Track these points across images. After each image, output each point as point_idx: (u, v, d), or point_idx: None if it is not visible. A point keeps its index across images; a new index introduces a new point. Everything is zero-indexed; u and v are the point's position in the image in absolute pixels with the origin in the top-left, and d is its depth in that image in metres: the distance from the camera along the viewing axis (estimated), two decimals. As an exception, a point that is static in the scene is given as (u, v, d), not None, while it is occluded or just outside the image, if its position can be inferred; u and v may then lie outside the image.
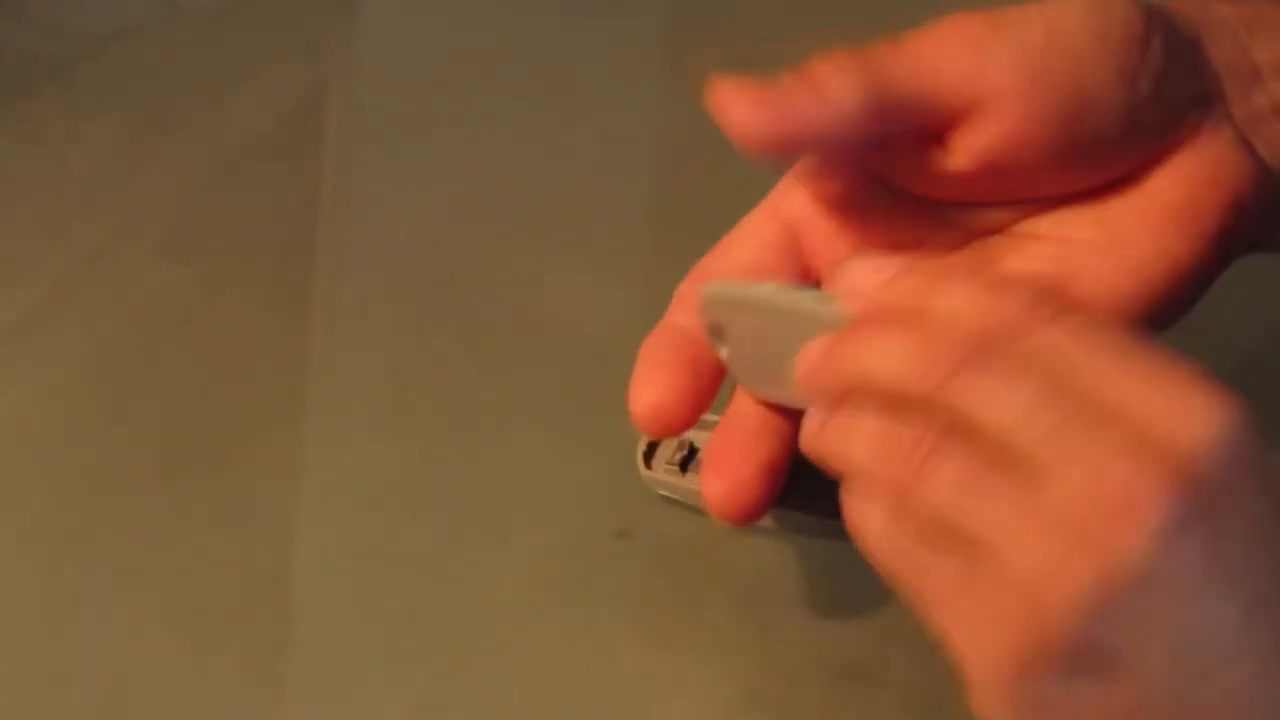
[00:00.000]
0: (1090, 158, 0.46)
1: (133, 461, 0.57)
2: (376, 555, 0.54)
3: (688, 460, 0.54)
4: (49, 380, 0.60)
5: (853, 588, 0.52)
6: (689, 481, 0.53)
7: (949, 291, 0.41)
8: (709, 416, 0.53)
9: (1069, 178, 0.46)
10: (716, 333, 0.46)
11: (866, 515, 0.41)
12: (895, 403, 0.41)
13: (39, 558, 0.54)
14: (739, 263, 0.48)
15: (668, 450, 0.54)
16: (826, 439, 0.43)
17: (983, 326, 0.40)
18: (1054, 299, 0.40)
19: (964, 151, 0.45)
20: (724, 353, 0.46)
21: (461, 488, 0.56)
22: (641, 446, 0.54)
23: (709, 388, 0.47)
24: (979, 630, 0.39)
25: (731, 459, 0.46)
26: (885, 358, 0.41)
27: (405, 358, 0.60)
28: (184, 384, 0.59)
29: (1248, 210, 0.47)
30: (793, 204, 0.48)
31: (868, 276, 0.44)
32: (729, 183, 0.51)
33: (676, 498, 0.54)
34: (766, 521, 0.52)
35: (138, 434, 0.58)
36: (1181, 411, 0.38)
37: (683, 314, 0.48)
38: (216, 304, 0.62)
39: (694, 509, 0.53)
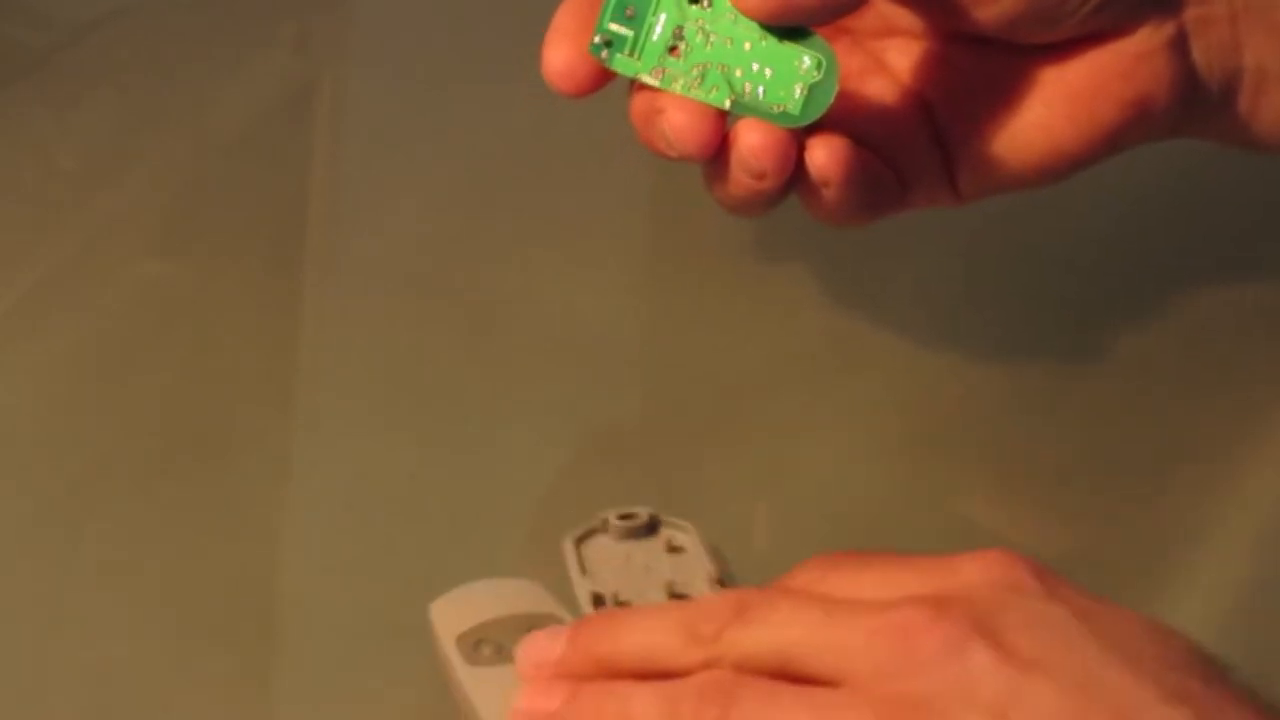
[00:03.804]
0: (1037, 22, 0.48)
1: (119, 460, 0.56)
2: (368, 556, 0.53)
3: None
4: (33, 379, 0.59)
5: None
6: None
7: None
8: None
9: (1014, 31, 0.49)
10: None
11: None
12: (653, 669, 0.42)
13: (22, 557, 0.54)
14: None
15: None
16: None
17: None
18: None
19: None
20: None
21: (456, 489, 0.55)
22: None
23: None
24: None
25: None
26: (646, 633, 0.42)
27: (397, 356, 0.60)
28: (172, 382, 0.59)
29: (1154, 109, 0.50)
30: None
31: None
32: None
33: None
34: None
35: (124, 433, 0.57)
36: (942, 571, 0.42)
37: None
38: (205, 301, 0.61)
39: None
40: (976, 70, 0.50)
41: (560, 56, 0.48)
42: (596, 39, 0.48)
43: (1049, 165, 0.50)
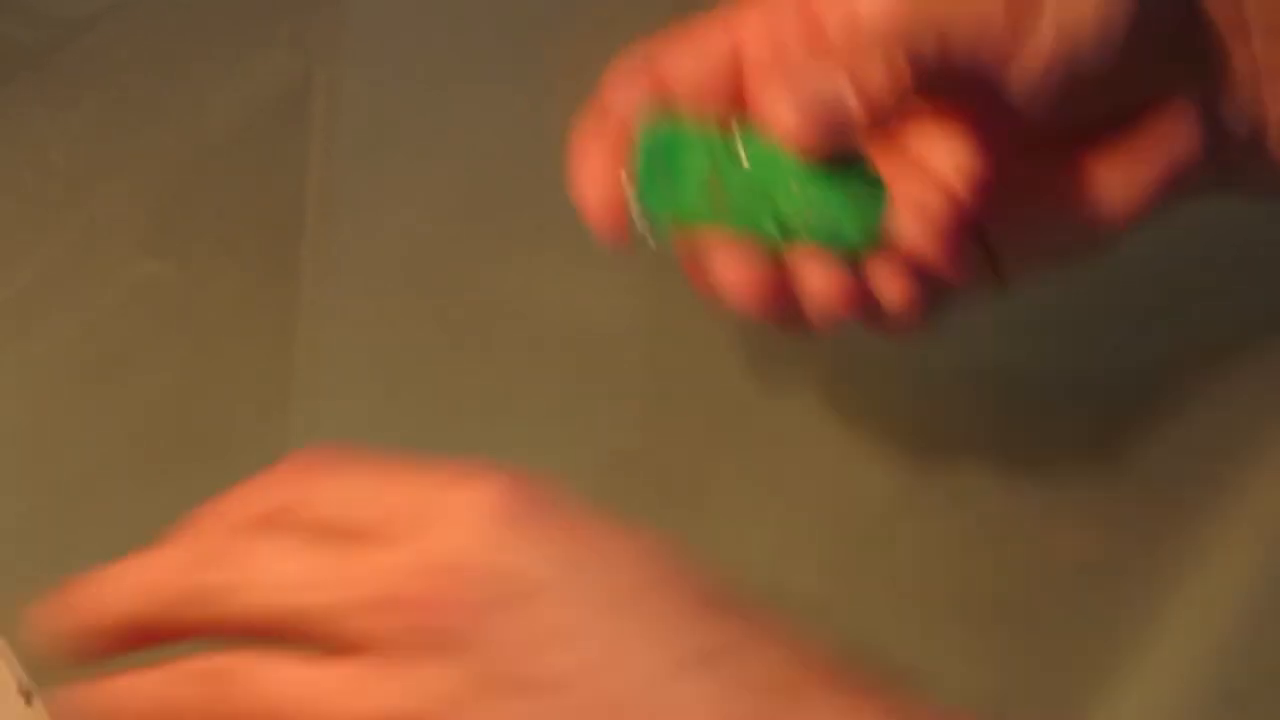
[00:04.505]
0: (1069, 113, 0.48)
1: (113, 462, 0.56)
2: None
3: None
4: (26, 379, 0.59)
5: (885, 588, 0.51)
6: None
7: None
8: None
9: (1047, 104, 0.48)
10: None
11: None
12: None
13: (16, 561, 0.54)
14: (688, 74, 0.48)
15: None
16: None
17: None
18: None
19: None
20: None
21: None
22: None
23: None
24: None
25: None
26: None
27: (394, 358, 0.59)
28: (170, 382, 0.58)
29: (1189, 173, 0.50)
30: (748, 29, 0.48)
31: None
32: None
33: None
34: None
35: (117, 434, 0.57)
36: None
37: (618, 94, 0.48)
38: (202, 300, 0.61)
39: None
40: (1013, 164, 0.50)
41: (606, 223, 0.48)
42: (633, 194, 0.47)
43: (1091, 241, 0.51)
